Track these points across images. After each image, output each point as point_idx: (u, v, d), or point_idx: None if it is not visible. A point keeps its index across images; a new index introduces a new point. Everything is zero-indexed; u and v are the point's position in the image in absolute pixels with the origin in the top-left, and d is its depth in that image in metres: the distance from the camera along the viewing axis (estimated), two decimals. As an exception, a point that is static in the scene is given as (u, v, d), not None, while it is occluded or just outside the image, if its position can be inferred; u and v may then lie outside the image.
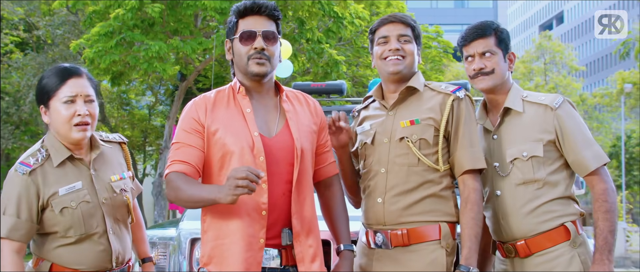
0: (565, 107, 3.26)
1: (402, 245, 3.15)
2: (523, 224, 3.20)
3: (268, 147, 3.00)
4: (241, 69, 3.09)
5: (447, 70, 32.36)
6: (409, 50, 3.26)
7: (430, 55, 22.12)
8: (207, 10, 14.28)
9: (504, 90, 3.36)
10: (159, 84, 23.34)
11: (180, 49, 14.14)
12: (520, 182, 3.22)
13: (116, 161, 3.29)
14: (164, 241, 4.30)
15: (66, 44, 19.47)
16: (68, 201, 3.04)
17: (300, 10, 15.15)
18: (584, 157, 3.18)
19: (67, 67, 3.12)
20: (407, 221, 3.15)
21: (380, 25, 3.31)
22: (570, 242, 3.15)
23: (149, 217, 25.98)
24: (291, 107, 3.15)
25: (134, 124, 24.90)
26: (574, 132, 3.21)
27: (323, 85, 6.04)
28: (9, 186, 3.03)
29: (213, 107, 3.07)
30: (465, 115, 3.22)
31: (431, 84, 3.32)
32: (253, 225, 2.95)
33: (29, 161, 3.05)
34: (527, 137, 3.24)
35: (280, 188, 3.01)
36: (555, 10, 74.77)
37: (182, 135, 3.04)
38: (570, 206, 3.23)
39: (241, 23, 3.08)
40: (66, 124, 3.05)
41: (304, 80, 16.90)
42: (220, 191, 2.76)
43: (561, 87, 39.63)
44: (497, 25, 3.39)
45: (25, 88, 19.88)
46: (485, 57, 3.31)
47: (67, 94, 3.05)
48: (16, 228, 2.98)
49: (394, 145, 3.22)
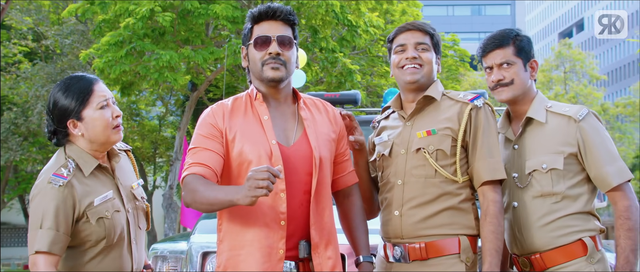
0: (590, 119, 3.22)
1: (420, 259, 3.13)
2: (539, 237, 3.16)
3: (286, 156, 2.99)
4: (256, 75, 3.08)
5: (464, 80, 32.29)
6: (426, 58, 3.25)
7: (447, 64, 22.08)
8: (218, 19, 14.33)
9: (527, 100, 3.33)
10: (169, 94, 23.40)
11: (192, 59, 14.18)
12: (538, 194, 3.19)
13: (129, 169, 3.33)
14: (175, 254, 4.29)
15: (75, 53, 19.56)
16: (103, 211, 3.06)
17: (314, 19, 15.16)
18: (606, 172, 3.14)
19: (82, 76, 3.14)
20: (425, 234, 3.13)
21: (397, 34, 3.30)
22: (587, 257, 3.10)
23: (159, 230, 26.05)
24: (309, 114, 3.14)
25: (144, 135, 24.95)
26: (597, 146, 3.16)
27: (337, 95, 6.05)
28: (43, 199, 2.99)
29: (230, 114, 3.06)
30: (483, 124, 3.18)
31: (450, 93, 3.30)
32: (272, 235, 2.94)
33: (62, 172, 3.03)
34: (548, 148, 3.20)
35: (299, 198, 3.01)
36: (575, 18, 74.54)
37: (200, 139, 3.03)
38: (590, 222, 3.18)
39: (256, 28, 3.08)
40: (108, 128, 3.09)
41: (318, 89, 16.91)
42: (239, 192, 2.74)
43: (582, 96, 39.45)
44: (517, 33, 3.36)
45: (33, 98, 19.95)
46: (503, 68, 3.29)
47: (99, 101, 3.08)
48: (56, 242, 2.96)
49: (410, 156, 3.20)
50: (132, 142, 23.71)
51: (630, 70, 64.40)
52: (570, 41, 46.36)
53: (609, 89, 64.52)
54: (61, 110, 3.09)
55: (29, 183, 23.31)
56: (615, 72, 67.91)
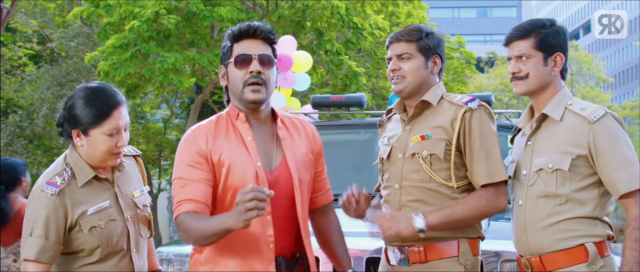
0: (606, 121, 3.06)
1: (420, 262, 3.17)
2: (539, 239, 3.10)
3: (270, 180, 2.98)
4: (236, 95, 3.05)
5: (470, 82, 32.24)
6: (409, 69, 3.25)
7: (452, 67, 22.05)
8: (223, 22, 14.36)
9: (547, 95, 3.21)
10: (174, 96, 23.42)
11: (197, 61, 14.19)
12: (542, 194, 3.11)
13: (135, 175, 3.33)
14: (180, 258, 4.31)
15: (80, 56, 19.56)
16: (96, 220, 3.07)
17: (319, 21, 15.20)
18: (617, 178, 3.00)
19: (111, 96, 3.11)
20: (424, 237, 3.14)
21: (388, 45, 3.33)
22: (588, 263, 3.01)
23: (164, 233, 26.05)
24: (287, 134, 3.12)
25: (148, 138, 24.96)
26: (609, 150, 3.03)
27: (342, 98, 6.06)
28: (35, 207, 3.02)
29: (214, 136, 3.02)
30: (478, 127, 3.17)
31: (449, 96, 3.29)
32: (261, 260, 2.94)
33: (56, 181, 3.05)
34: (557, 148, 3.10)
35: (279, 223, 3.00)
36: (582, 20, 74.36)
37: (185, 170, 2.96)
38: (596, 227, 3.07)
39: (236, 47, 3.04)
40: (106, 154, 3.09)
41: (323, 92, 16.94)
42: (231, 218, 2.71)
43: (588, 99, 39.35)
44: (544, 24, 3.21)
45: (38, 101, 19.95)
46: (521, 61, 3.19)
47: (112, 128, 3.06)
48: (44, 250, 2.99)
49: (407, 161, 3.24)
50: (137, 145, 23.73)
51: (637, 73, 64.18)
52: (577, 43, 46.27)
53: (616, 91, 64.31)
54: (74, 117, 3.09)
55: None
56: (622, 74, 67.72)
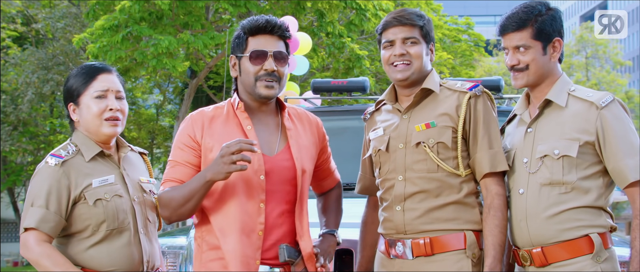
0: (613, 107, 3.10)
1: (425, 255, 3.19)
2: (542, 229, 3.10)
3: (269, 166, 3.14)
4: (248, 88, 3.22)
5: (479, 66, 32.22)
6: (415, 53, 3.26)
7: (460, 50, 22.06)
8: (219, 2, 14.36)
9: (548, 83, 3.24)
10: (167, 81, 23.44)
11: (191, 44, 14.17)
12: (547, 182, 3.11)
13: (142, 167, 3.47)
14: (174, 250, 4.35)
15: (68, 38, 19.52)
16: (102, 193, 3.17)
17: (320, 2, 15.18)
18: (625, 165, 3.03)
19: (96, 64, 3.31)
20: (429, 229, 3.18)
21: (385, 28, 3.32)
22: (593, 255, 3.02)
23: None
24: (293, 125, 3.29)
25: (140, 124, 24.97)
26: (618, 137, 3.06)
27: (344, 82, 6.06)
28: (38, 178, 3.15)
29: (210, 123, 3.20)
30: (483, 114, 3.22)
31: (447, 83, 3.34)
32: (250, 246, 3.09)
33: (60, 153, 3.19)
34: (563, 134, 3.12)
35: (280, 208, 3.17)
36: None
37: (177, 152, 3.20)
38: (600, 217, 3.10)
39: (251, 41, 3.21)
40: (97, 119, 3.22)
41: (324, 76, 16.94)
42: (209, 170, 2.96)
43: (604, 83, 39.28)
44: (539, 10, 3.23)
45: (23, 85, 19.95)
46: (519, 52, 3.21)
47: (98, 89, 3.23)
48: (45, 220, 3.09)
49: (410, 151, 3.25)
50: (128, 132, 23.76)
51: (656, 56, 64.14)
52: (593, 24, 46.13)
53: (634, 75, 64.26)
54: (65, 90, 3.29)
55: (18, 175, 23.29)
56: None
